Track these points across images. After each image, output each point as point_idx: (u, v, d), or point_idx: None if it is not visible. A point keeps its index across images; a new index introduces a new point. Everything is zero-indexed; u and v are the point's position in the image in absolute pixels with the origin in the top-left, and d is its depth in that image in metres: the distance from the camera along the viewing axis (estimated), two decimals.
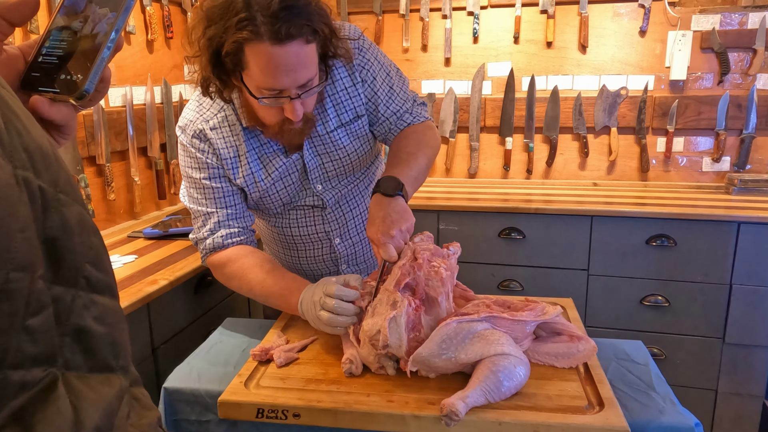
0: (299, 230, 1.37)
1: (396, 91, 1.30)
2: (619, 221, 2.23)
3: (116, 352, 0.40)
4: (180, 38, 2.43)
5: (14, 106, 0.36)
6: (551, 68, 2.71)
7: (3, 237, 0.31)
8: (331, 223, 1.36)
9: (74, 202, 0.38)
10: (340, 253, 1.40)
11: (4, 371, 0.31)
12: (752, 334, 2.19)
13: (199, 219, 1.29)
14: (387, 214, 1.09)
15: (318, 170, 1.29)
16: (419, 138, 1.29)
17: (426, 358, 0.93)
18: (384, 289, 1.03)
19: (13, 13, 0.46)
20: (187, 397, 1.02)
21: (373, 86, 1.27)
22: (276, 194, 1.29)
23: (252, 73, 1.06)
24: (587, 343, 1.00)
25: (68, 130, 0.49)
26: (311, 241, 1.39)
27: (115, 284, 0.42)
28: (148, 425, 0.42)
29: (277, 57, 1.02)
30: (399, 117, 1.30)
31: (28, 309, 0.32)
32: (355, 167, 1.33)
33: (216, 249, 1.27)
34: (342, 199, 1.36)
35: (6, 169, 0.32)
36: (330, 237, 1.38)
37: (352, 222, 1.39)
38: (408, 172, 1.19)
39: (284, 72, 1.04)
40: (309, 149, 1.27)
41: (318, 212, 1.35)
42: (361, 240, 1.42)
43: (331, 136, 1.26)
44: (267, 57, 1.02)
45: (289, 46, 1.01)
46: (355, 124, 1.28)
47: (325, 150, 1.27)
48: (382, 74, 1.28)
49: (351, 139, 1.28)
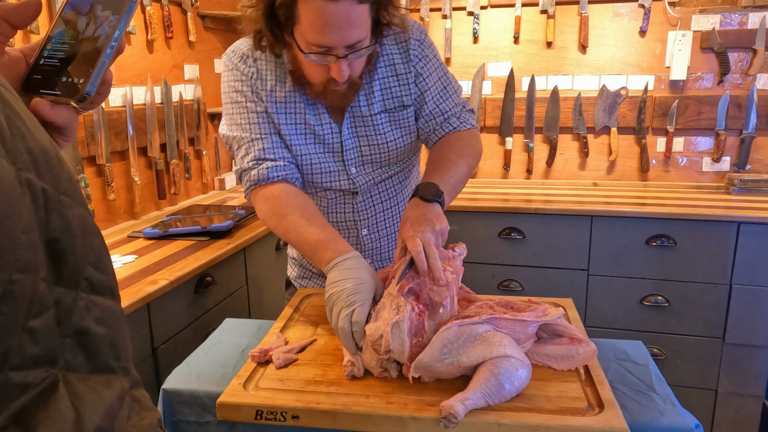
0: (328, 216, 1.36)
1: (449, 92, 1.30)
2: (619, 221, 2.23)
3: (117, 353, 0.40)
4: (180, 38, 2.43)
5: (17, 108, 0.36)
6: (551, 68, 2.70)
7: (6, 238, 0.31)
8: (360, 212, 1.35)
9: (76, 203, 0.38)
10: (366, 245, 1.39)
11: (6, 372, 0.31)
12: (752, 334, 2.19)
13: (242, 148, 1.26)
14: (422, 213, 1.09)
15: (354, 152, 1.28)
16: (462, 145, 1.26)
17: (428, 363, 0.92)
18: (387, 293, 1.02)
19: (15, 16, 0.46)
20: (186, 399, 1.02)
21: (428, 81, 1.26)
22: (308, 155, 1.27)
23: (302, 27, 1.06)
24: (587, 346, 1.00)
25: (69, 133, 0.49)
26: (338, 227, 1.37)
27: (116, 285, 0.42)
28: (149, 426, 0.42)
29: (328, 13, 1.02)
30: (446, 119, 1.29)
31: (30, 310, 0.33)
32: (391, 157, 1.31)
33: (261, 182, 1.24)
34: (374, 189, 1.35)
35: (9, 171, 0.32)
36: (358, 227, 1.37)
37: (382, 214, 1.38)
38: (447, 179, 1.17)
39: (334, 29, 1.04)
40: (349, 128, 1.26)
41: (349, 199, 1.34)
42: (388, 235, 1.41)
43: (373, 119, 1.25)
44: (318, 12, 1.03)
45: (340, 4, 1.02)
46: (400, 113, 1.27)
47: (365, 132, 1.26)
48: (438, 72, 1.28)
49: (393, 126, 1.27)
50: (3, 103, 0.34)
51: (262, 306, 2.14)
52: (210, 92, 2.70)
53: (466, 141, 1.28)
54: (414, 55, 1.25)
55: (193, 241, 1.91)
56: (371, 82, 1.24)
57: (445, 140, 1.29)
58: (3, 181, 0.31)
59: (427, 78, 1.26)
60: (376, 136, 1.27)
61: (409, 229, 1.06)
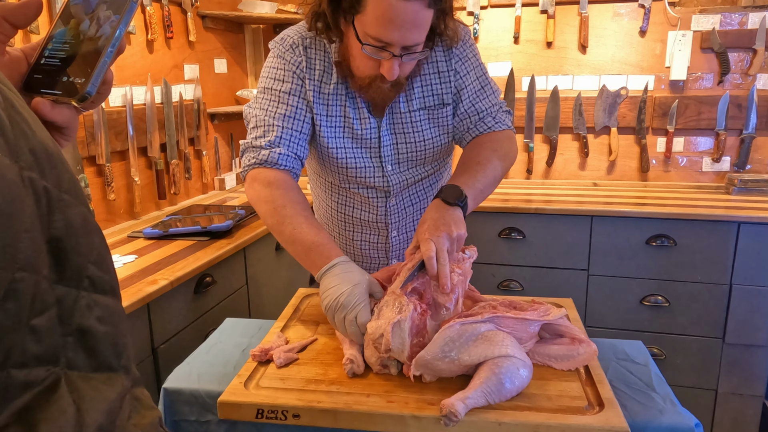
0: (360, 213, 1.36)
1: (486, 92, 1.29)
2: (619, 221, 2.23)
3: (118, 352, 0.40)
4: (180, 38, 2.43)
5: (20, 107, 0.36)
6: (551, 68, 2.71)
7: (10, 237, 0.31)
8: (392, 214, 1.36)
9: (78, 203, 0.38)
10: (394, 247, 1.40)
11: (8, 370, 0.31)
12: (752, 334, 2.19)
13: (260, 128, 1.23)
14: (441, 216, 1.07)
15: (391, 148, 1.28)
16: (495, 147, 1.24)
17: (429, 360, 0.92)
18: (391, 291, 1.02)
19: (16, 16, 0.46)
20: (186, 398, 1.02)
21: (465, 79, 1.26)
22: (344, 149, 1.26)
23: (366, 18, 1.06)
24: (588, 347, 1.00)
25: (70, 132, 0.49)
26: (369, 226, 1.38)
27: (118, 285, 0.42)
28: (150, 425, 0.42)
29: (397, 9, 1.02)
30: (481, 118, 1.28)
31: (32, 309, 0.33)
32: (427, 156, 1.30)
33: (268, 164, 1.20)
34: (407, 190, 1.35)
35: (13, 170, 0.32)
36: (388, 229, 1.37)
37: (411, 217, 1.38)
38: (474, 183, 1.15)
39: (398, 26, 1.04)
40: (387, 124, 1.26)
41: (382, 199, 1.33)
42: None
43: (412, 115, 1.25)
44: (387, 6, 1.02)
45: (411, 3, 1.02)
46: (439, 111, 1.26)
47: (402, 129, 1.26)
48: (477, 72, 1.28)
49: (431, 125, 1.27)
50: (6, 101, 0.35)
51: (262, 306, 2.14)
52: (210, 92, 2.70)
53: (500, 143, 1.26)
54: (455, 54, 1.25)
55: (193, 241, 1.91)
56: (412, 79, 1.23)
57: (478, 141, 1.27)
58: (6, 179, 0.31)
59: (465, 76, 1.26)
60: (414, 134, 1.27)
61: (425, 231, 1.05)
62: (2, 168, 0.31)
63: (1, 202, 0.30)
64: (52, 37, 0.48)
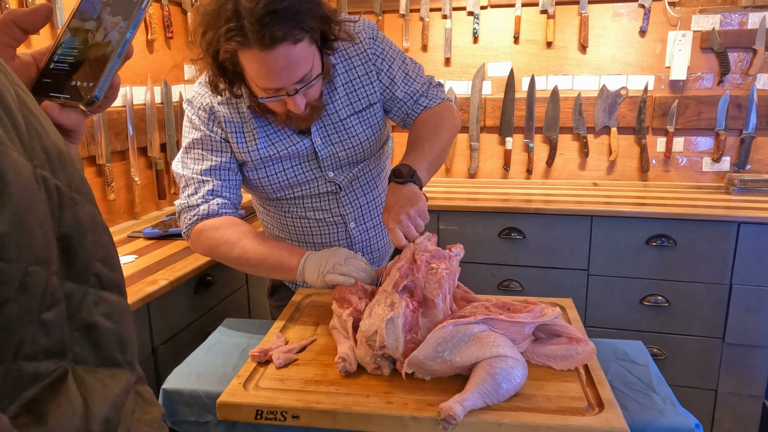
0: (314, 213, 1.38)
1: (411, 75, 1.35)
2: (619, 221, 2.23)
3: (123, 347, 0.41)
4: (180, 38, 2.43)
5: (33, 108, 0.37)
6: (551, 68, 2.71)
7: (24, 231, 0.32)
8: (346, 206, 1.38)
9: (87, 201, 0.40)
10: (355, 239, 1.41)
11: (19, 362, 0.32)
12: (752, 334, 2.19)
13: (191, 186, 1.29)
14: (398, 199, 1.13)
15: (331, 159, 1.32)
16: (434, 122, 1.31)
17: (422, 360, 0.93)
18: (382, 290, 1.03)
19: (26, 21, 0.47)
20: (186, 398, 1.02)
21: (390, 73, 1.31)
22: (283, 172, 1.31)
23: (249, 76, 1.11)
24: (586, 345, 1.00)
25: (77, 135, 0.50)
26: (326, 224, 1.40)
27: (123, 282, 0.44)
28: (153, 420, 0.43)
29: (267, 61, 1.06)
30: (415, 100, 1.34)
31: (43, 303, 0.34)
32: (366, 154, 1.36)
33: (210, 216, 1.27)
34: (356, 182, 1.38)
35: (27, 168, 0.33)
36: (345, 221, 1.39)
37: (367, 207, 1.41)
38: (422, 157, 1.22)
39: (276, 74, 1.08)
40: (321, 138, 1.29)
41: (333, 196, 1.37)
42: (375, 226, 1.44)
43: (344, 123, 1.29)
44: (257, 62, 1.07)
45: (276, 50, 1.05)
46: (368, 111, 1.31)
47: (338, 138, 1.30)
48: (398, 61, 1.33)
49: (364, 126, 1.31)
50: (21, 103, 0.36)
51: (262, 306, 2.14)
52: None
53: (438, 115, 1.33)
54: (371, 54, 1.29)
55: None
56: (335, 89, 1.27)
57: (419, 119, 1.34)
58: (22, 176, 0.32)
59: (389, 70, 1.31)
60: (350, 139, 1.31)
61: (389, 221, 1.11)
62: (19, 167, 0.32)
63: (19, 199, 0.32)
64: (62, 42, 0.49)
